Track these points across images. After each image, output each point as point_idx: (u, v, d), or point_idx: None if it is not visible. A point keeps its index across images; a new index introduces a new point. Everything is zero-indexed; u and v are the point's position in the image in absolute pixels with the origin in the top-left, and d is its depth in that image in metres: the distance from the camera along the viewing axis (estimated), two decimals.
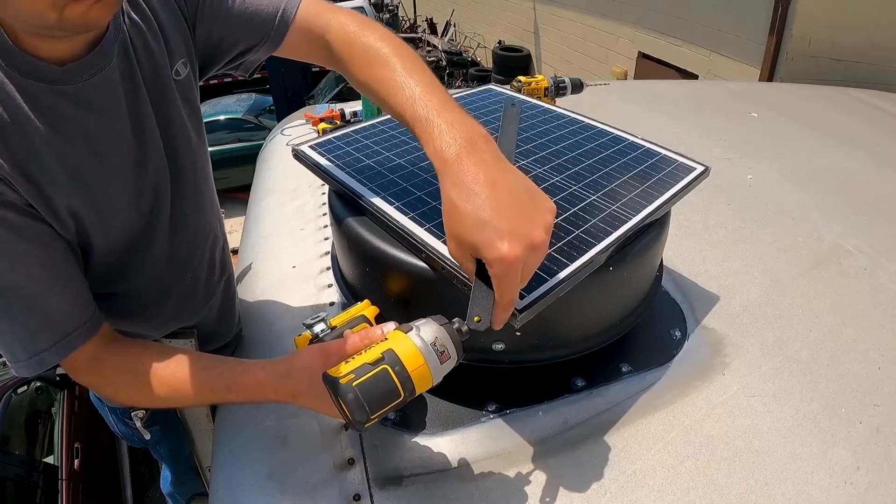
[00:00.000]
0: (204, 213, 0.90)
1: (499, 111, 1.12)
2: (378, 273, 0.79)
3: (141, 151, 0.74)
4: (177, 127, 0.79)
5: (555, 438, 0.77)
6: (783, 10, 3.92)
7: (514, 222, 0.54)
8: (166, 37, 0.75)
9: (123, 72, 0.70)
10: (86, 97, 0.66)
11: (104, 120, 0.69)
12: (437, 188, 0.84)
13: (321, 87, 8.45)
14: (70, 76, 0.64)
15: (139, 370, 0.72)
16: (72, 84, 0.64)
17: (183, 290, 0.90)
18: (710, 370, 0.87)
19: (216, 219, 0.95)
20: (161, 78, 0.75)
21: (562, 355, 0.80)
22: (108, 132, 0.70)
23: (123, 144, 0.72)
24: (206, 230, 0.92)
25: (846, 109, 2.07)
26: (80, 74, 0.65)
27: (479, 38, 10.26)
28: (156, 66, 0.74)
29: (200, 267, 0.92)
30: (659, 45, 5.52)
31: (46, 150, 0.63)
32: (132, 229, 0.77)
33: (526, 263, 0.55)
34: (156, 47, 0.73)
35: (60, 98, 0.64)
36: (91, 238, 0.72)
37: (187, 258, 0.88)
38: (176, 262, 0.86)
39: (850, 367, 0.88)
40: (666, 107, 2.00)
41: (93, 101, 0.67)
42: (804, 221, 1.26)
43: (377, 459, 0.75)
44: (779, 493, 0.70)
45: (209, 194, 0.92)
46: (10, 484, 2.37)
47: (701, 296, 1.02)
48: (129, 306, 0.84)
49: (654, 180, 0.89)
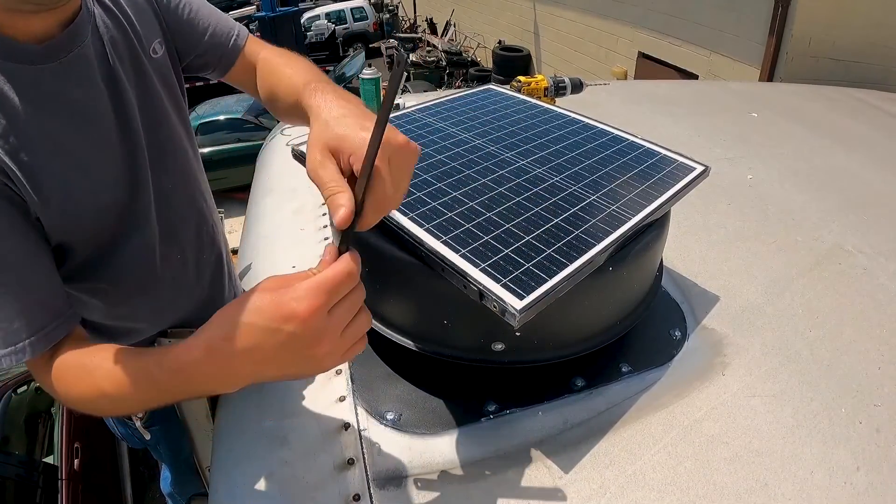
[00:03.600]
0: (189, 191, 0.92)
1: (499, 111, 1.12)
2: (377, 273, 0.79)
3: (121, 125, 0.76)
4: (155, 103, 0.82)
5: (555, 438, 0.77)
6: (783, 10, 3.93)
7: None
8: (139, 17, 0.79)
9: (98, 50, 0.73)
10: (66, 73, 0.68)
11: (86, 94, 0.71)
12: (437, 188, 0.84)
13: None
14: (49, 54, 0.66)
15: (88, 363, 0.64)
16: (50, 62, 0.66)
17: (175, 272, 0.90)
18: (710, 370, 0.87)
19: (203, 198, 0.96)
20: (135, 54, 0.78)
21: (562, 355, 0.80)
22: (90, 106, 0.72)
23: (105, 118, 0.74)
24: (191, 207, 0.93)
25: (846, 109, 2.07)
26: (58, 52, 0.67)
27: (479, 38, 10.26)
28: (129, 43, 0.77)
29: (189, 244, 0.93)
30: (659, 46, 5.53)
31: (30, 127, 0.64)
32: (119, 203, 0.77)
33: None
34: (128, 26, 0.77)
35: (41, 75, 0.66)
36: (83, 215, 0.71)
37: (174, 234, 0.89)
38: (164, 239, 0.86)
39: (850, 367, 0.88)
40: (666, 107, 2.00)
41: (72, 77, 0.69)
42: (804, 221, 1.26)
43: (377, 459, 0.75)
44: (778, 493, 0.70)
45: (193, 173, 0.93)
46: (10, 484, 2.37)
47: (701, 296, 1.02)
48: (122, 292, 0.84)
49: (654, 180, 0.89)
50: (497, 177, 0.88)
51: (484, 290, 0.65)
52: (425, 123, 1.05)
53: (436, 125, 1.04)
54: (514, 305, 0.63)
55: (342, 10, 14.72)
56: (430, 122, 1.05)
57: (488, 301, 0.65)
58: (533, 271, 0.68)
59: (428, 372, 0.85)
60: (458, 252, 0.70)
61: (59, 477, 2.48)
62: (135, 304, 0.88)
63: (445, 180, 0.86)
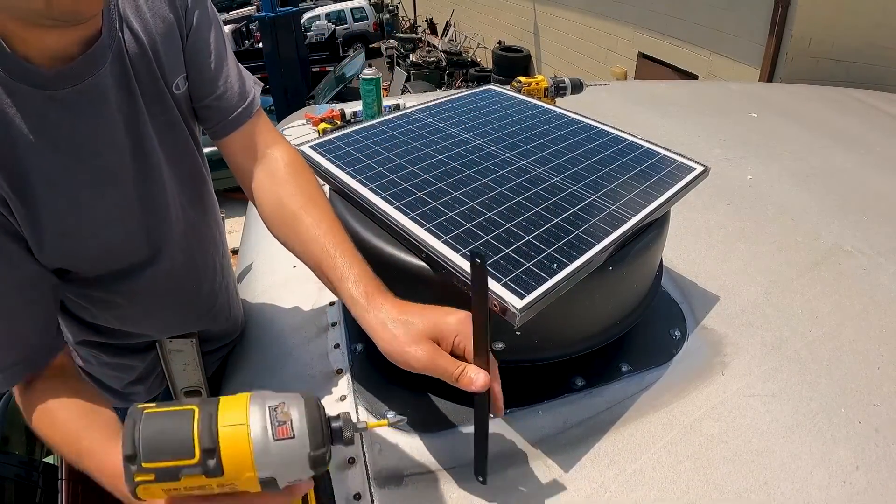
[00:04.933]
0: (207, 221, 0.90)
1: (499, 111, 1.12)
2: (378, 273, 0.79)
3: (139, 162, 0.73)
4: (178, 137, 0.79)
5: (555, 438, 0.77)
6: (783, 11, 3.93)
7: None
8: (167, 49, 0.74)
9: (118, 79, 0.69)
10: (76, 102, 0.65)
11: (94, 127, 0.68)
12: (437, 188, 0.84)
13: (321, 87, 8.46)
14: (59, 80, 0.63)
15: (53, 416, 0.67)
16: (61, 89, 0.63)
17: (186, 299, 0.90)
18: (710, 370, 0.87)
19: (217, 226, 0.95)
20: (159, 89, 0.74)
21: (561, 355, 0.80)
22: (98, 139, 0.68)
23: (117, 154, 0.71)
24: (208, 238, 0.92)
25: (846, 110, 2.07)
26: (70, 79, 0.64)
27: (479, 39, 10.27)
28: (153, 76, 0.73)
29: (204, 276, 0.92)
30: (659, 46, 5.53)
31: (29, 155, 0.63)
32: (132, 241, 0.76)
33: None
34: (154, 59, 0.72)
35: (49, 102, 0.63)
36: (80, 252, 0.71)
37: (192, 267, 0.88)
38: (181, 271, 0.85)
39: (849, 367, 0.88)
40: (666, 107, 2.00)
41: (82, 107, 0.66)
42: (804, 221, 1.26)
43: (377, 459, 0.75)
44: (778, 493, 0.70)
45: (211, 201, 0.92)
46: (10, 484, 2.37)
47: (700, 296, 1.02)
48: (132, 313, 0.84)
49: (654, 180, 0.90)
50: (497, 177, 0.88)
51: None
52: (425, 123, 1.05)
53: (436, 125, 1.05)
54: (515, 304, 0.63)
55: (342, 11, 14.74)
56: (431, 123, 1.06)
57: (488, 300, 0.65)
58: (533, 271, 0.68)
59: None
60: (459, 251, 0.71)
61: (59, 477, 2.48)
62: (141, 326, 0.88)
63: (446, 180, 0.86)
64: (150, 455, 0.41)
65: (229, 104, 0.81)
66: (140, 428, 0.42)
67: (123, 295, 0.81)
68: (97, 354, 0.90)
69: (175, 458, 0.41)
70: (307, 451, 0.44)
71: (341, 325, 0.98)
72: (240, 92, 0.82)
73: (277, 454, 0.43)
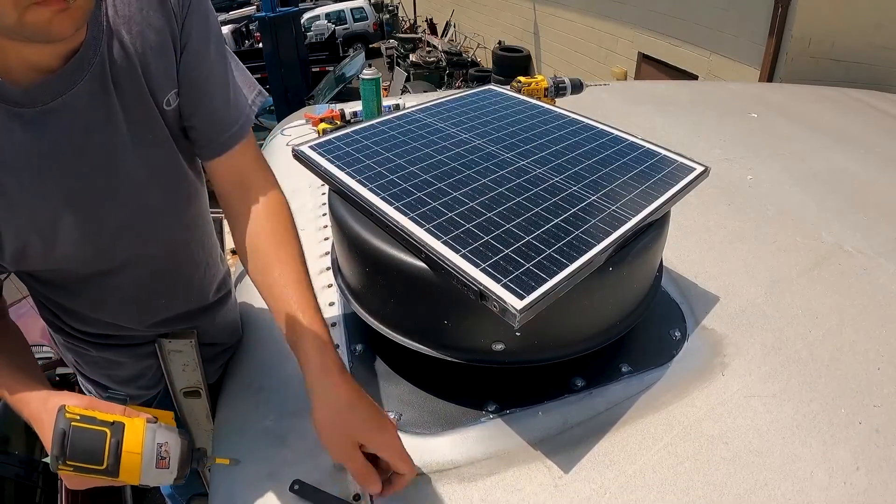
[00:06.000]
0: (190, 237, 0.89)
1: (499, 112, 1.12)
2: (378, 273, 0.79)
3: (107, 181, 0.72)
4: (164, 153, 0.77)
5: (554, 438, 0.77)
6: (783, 11, 3.93)
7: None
8: (158, 64, 0.71)
9: (95, 96, 0.66)
10: (41, 122, 0.64)
11: (57, 149, 0.66)
12: (437, 188, 0.84)
13: (321, 88, 8.45)
14: (29, 98, 0.62)
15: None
16: (29, 108, 0.62)
17: (168, 302, 0.89)
18: (710, 370, 0.87)
19: (205, 251, 0.93)
20: (145, 104, 0.71)
21: (561, 355, 0.80)
22: (60, 162, 0.67)
23: (80, 175, 0.69)
24: (191, 263, 0.90)
25: (846, 110, 2.07)
26: (40, 98, 0.62)
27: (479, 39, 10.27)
28: (139, 92, 0.70)
29: (181, 290, 0.90)
30: (659, 46, 5.53)
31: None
32: (95, 258, 0.76)
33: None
34: (143, 74, 0.70)
35: (14, 120, 0.62)
36: (38, 260, 0.72)
37: (161, 286, 0.87)
38: (149, 290, 0.85)
39: (849, 368, 0.88)
40: (666, 107, 2.00)
41: (47, 128, 0.64)
42: (804, 222, 1.26)
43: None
44: (778, 493, 0.70)
45: (199, 214, 0.89)
46: (10, 484, 2.37)
47: (700, 296, 1.02)
48: (100, 307, 0.85)
49: (654, 181, 0.89)
50: (497, 177, 0.88)
51: (484, 290, 0.65)
52: (425, 124, 1.05)
53: (436, 125, 1.05)
54: (515, 305, 0.63)
55: (342, 11, 14.74)
56: (431, 123, 1.06)
57: (488, 301, 0.65)
58: (533, 271, 0.68)
59: (428, 372, 0.85)
60: (459, 252, 0.71)
61: (59, 477, 2.47)
62: (118, 312, 0.86)
63: (446, 180, 0.86)
64: (73, 458, 0.61)
65: (216, 127, 0.79)
66: (69, 438, 0.60)
67: (84, 298, 0.82)
68: (85, 350, 0.90)
69: (89, 463, 0.62)
70: (174, 476, 0.68)
71: (341, 326, 0.98)
72: (229, 118, 0.79)
73: (155, 476, 0.66)
